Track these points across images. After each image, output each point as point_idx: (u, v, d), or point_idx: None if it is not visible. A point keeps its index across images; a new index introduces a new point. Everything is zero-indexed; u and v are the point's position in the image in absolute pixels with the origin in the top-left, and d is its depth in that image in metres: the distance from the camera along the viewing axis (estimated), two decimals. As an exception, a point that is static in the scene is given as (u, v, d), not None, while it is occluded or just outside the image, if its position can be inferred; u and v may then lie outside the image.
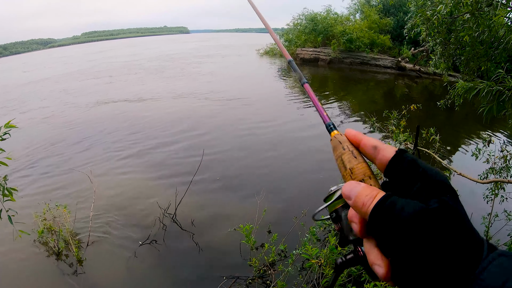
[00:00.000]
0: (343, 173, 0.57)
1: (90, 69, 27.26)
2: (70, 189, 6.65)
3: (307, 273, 4.01)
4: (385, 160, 0.52)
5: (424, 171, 0.48)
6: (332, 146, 0.62)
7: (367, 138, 0.57)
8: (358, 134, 0.59)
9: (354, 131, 0.60)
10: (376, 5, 26.43)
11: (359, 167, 0.55)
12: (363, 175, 0.54)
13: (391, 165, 0.52)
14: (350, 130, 0.61)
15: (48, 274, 4.53)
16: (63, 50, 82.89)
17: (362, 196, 0.48)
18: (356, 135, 0.59)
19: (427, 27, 5.47)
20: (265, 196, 5.39)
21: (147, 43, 72.05)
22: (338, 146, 0.60)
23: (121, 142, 9.27)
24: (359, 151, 0.58)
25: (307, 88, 0.81)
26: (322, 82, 19.79)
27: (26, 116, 12.72)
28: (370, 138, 0.57)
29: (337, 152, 0.59)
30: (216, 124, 10.73)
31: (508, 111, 3.80)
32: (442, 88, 13.49)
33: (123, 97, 15.04)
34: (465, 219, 0.44)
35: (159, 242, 5.03)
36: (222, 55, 33.96)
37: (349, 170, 0.55)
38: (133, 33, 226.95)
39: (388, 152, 0.52)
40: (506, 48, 4.50)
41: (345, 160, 0.57)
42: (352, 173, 0.55)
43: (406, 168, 0.50)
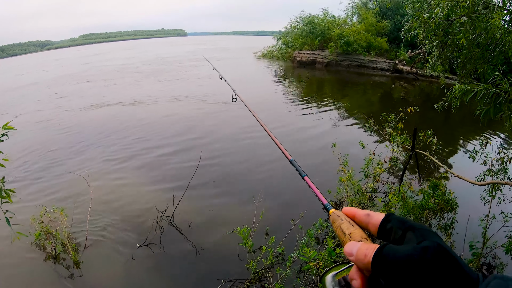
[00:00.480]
0: (343, 239, 0.64)
1: (83, 72, 26.89)
2: (67, 192, 6.61)
3: (305, 275, 4.01)
4: (377, 223, 0.61)
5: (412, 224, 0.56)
6: (331, 220, 0.72)
7: (361, 210, 0.67)
8: (353, 209, 0.69)
9: (350, 207, 0.69)
10: (373, 8, 26.56)
11: (356, 232, 0.63)
12: (360, 238, 0.62)
13: (382, 225, 0.60)
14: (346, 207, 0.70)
15: (45, 277, 4.50)
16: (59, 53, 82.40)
17: (363, 249, 0.55)
18: (351, 210, 0.69)
19: (424, 29, 5.50)
20: (262, 199, 5.38)
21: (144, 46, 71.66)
22: (337, 219, 0.69)
23: (118, 146, 9.24)
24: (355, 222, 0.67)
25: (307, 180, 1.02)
26: (319, 85, 19.83)
27: (20, 120, 12.62)
28: (364, 210, 0.66)
29: (336, 224, 0.69)
30: (213, 128, 10.71)
31: (504, 113, 3.81)
32: (439, 91, 13.56)
33: (118, 101, 14.90)
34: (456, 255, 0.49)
35: (156, 245, 5.01)
36: (218, 58, 33.86)
37: (348, 235, 0.63)
38: (130, 36, 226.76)
39: (379, 216, 0.62)
40: (503, 51, 4.52)
41: (344, 228, 0.65)
42: (351, 237, 0.63)
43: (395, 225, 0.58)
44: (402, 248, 0.50)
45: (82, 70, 28.45)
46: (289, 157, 1.31)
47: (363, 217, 0.64)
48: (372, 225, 0.62)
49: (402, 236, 0.55)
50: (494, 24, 4.42)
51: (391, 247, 0.52)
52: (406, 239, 0.54)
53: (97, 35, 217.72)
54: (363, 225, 0.64)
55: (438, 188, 4.89)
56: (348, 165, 5.52)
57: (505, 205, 4.65)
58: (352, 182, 5.31)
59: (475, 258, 4.04)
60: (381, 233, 0.60)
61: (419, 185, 6.36)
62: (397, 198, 4.52)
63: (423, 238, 0.51)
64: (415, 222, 0.56)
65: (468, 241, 4.20)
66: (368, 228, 0.63)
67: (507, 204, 4.66)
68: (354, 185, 5.30)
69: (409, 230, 0.55)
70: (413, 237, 0.53)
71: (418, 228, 0.54)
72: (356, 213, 0.67)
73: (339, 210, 0.72)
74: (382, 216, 0.61)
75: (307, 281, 3.91)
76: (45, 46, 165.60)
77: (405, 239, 0.54)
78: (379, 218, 0.61)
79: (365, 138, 9.70)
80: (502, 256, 4.34)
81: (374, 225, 0.61)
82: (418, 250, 0.48)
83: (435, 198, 4.69)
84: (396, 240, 0.56)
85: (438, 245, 0.49)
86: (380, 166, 5.49)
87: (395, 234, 0.57)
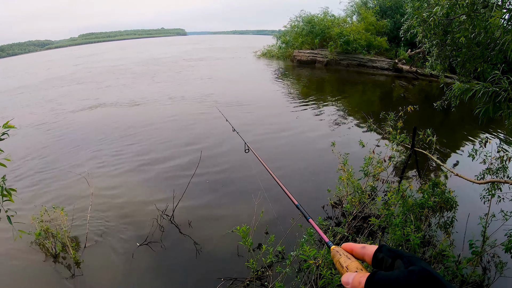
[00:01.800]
0: (341, 271, 0.72)
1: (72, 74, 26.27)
2: (67, 192, 6.62)
3: (305, 274, 4.02)
4: (370, 253, 0.69)
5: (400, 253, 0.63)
6: (332, 255, 0.79)
7: (357, 244, 0.75)
8: (351, 244, 0.77)
9: (348, 243, 0.77)
10: (373, 7, 26.57)
11: (352, 264, 0.71)
12: (356, 268, 0.69)
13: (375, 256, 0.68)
14: (345, 243, 0.78)
15: (45, 276, 4.50)
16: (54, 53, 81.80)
17: (357, 277, 0.62)
18: (349, 245, 0.77)
19: (424, 28, 5.50)
20: (262, 198, 5.38)
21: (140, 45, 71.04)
22: (336, 254, 0.77)
23: (117, 146, 9.26)
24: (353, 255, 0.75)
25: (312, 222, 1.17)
26: (319, 84, 19.82)
27: (14, 122, 12.61)
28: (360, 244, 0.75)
29: (335, 258, 0.77)
30: (212, 126, 10.72)
31: (504, 112, 3.81)
32: (439, 90, 13.56)
33: (110, 102, 14.92)
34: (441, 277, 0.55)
35: (156, 243, 5.02)
36: (218, 58, 33.75)
37: (345, 268, 0.71)
38: (130, 35, 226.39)
39: (372, 248, 0.70)
40: (502, 50, 4.52)
41: (342, 262, 0.73)
42: (348, 269, 0.70)
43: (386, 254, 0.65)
44: (391, 273, 0.58)
45: (72, 72, 27.89)
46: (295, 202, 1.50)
47: (359, 249, 0.73)
48: (367, 256, 0.70)
49: (392, 264, 0.62)
50: (493, 22, 4.43)
51: (381, 273, 0.59)
52: (396, 265, 0.61)
53: (97, 35, 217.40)
54: (359, 257, 0.73)
55: (437, 187, 4.89)
56: (347, 164, 5.53)
57: (504, 204, 4.65)
58: (352, 181, 5.32)
59: (475, 257, 4.04)
60: (375, 262, 0.67)
61: (419, 183, 6.37)
62: (396, 196, 4.52)
63: (410, 264, 0.58)
64: (404, 251, 0.63)
65: (468, 239, 4.20)
66: (364, 259, 0.71)
67: (507, 202, 4.66)
68: (354, 184, 5.31)
69: (397, 258, 0.62)
70: (401, 264, 0.60)
71: (406, 256, 0.61)
72: (354, 248, 0.75)
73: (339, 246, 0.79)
74: (375, 247, 0.69)
75: (307, 280, 3.92)
76: (45, 45, 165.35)
77: (394, 266, 0.62)
78: (373, 250, 0.69)
79: (365, 137, 9.70)
80: (502, 255, 4.35)
81: (369, 256, 0.69)
82: (405, 273, 0.55)
83: (435, 197, 4.69)
84: (387, 268, 0.63)
85: (423, 269, 0.55)
86: (379, 165, 5.49)
87: (386, 262, 0.64)
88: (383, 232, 4.98)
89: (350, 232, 4.85)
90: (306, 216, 1.26)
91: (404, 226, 4.08)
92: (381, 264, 0.65)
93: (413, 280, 0.53)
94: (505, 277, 4.14)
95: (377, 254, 0.67)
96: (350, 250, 0.76)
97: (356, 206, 5.17)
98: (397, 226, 4.00)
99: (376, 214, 5.10)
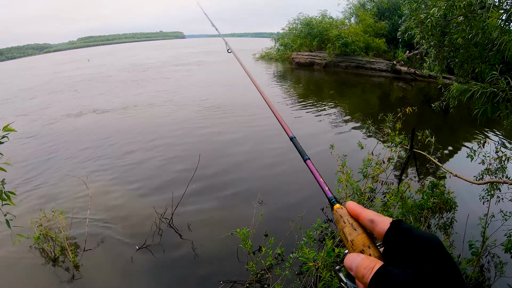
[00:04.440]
0: (346, 244, 0.63)
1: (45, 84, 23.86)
2: (66, 195, 6.60)
3: (305, 276, 4.01)
4: (382, 232, 0.59)
5: (418, 238, 0.54)
6: (335, 219, 0.68)
7: (365, 212, 0.64)
8: (357, 208, 0.65)
9: (353, 204, 0.66)
10: (370, 9, 26.66)
11: (358, 239, 0.61)
12: (362, 246, 0.60)
13: (387, 236, 0.58)
14: (349, 203, 0.66)
15: (44, 280, 4.48)
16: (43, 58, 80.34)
17: (362, 268, 0.55)
18: (355, 209, 0.65)
19: (421, 30, 5.52)
20: (261, 200, 5.38)
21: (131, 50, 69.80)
22: (340, 220, 0.66)
23: (115, 150, 9.25)
24: (359, 223, 0.64)
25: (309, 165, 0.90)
26: (317, 86, 19.85)
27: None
28: (368, 211, 0.64)
29: (339, 225, 0.66)
30: (212, 131, 10.72)
31: (502, 112, 3.82)
32: (437, 91, 13.57)
33: (98, 108, 14.93)
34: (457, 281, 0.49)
35: (155, 247, 5.00)
36: (214, 62, 33.53)
37: (350, 242, 0.62)
38: (129, 38, 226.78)
39: (384, 224, 0.59)
40: (500, 50, 4.53)
41: (346, 233, 0.63)
42: (353, 244, 0.61)
43: (401, 236, 0.56)
44: (401, 275, 0.50)
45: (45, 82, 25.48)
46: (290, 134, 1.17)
47: (367, 222, 0.62)
48: (377, 233, 0.60)
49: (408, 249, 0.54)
50: (491, 23, 4.44)
51: (389, 273, 0.51)
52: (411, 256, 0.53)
53: (95, 38, 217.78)
54: (368, 229, 0.63)
55: (437, 188, 4.90)
56: (346, 166, 5.52)
57: (504, 204, 4.65)
58: (351, 183, 5.31)
59: (475, 257, 4.04)
60: (386, 242, 0.59)
61: (418, 184, 6.37)
62: (395, 198, 4.52)
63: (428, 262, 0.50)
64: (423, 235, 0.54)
65: (468, 240, 4.20)
66: (373, 233, 0.62)
67: (506, 203, 4.67)
68: (353, 186, 5.30)
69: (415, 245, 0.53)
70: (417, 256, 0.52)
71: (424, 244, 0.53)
72: (360, 215, 0.64)
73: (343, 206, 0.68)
74: (388, 224, 0.59)
75: (306, 282, 3.91)
76: (44, 49, 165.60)
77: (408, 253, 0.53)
78: (385, 227, 0.59)
79: (364, 138, 9.71)
80: (502, 255, 4.35)
81: (379, 233, 0.59)
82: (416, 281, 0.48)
83: (434, 198, 4.69)
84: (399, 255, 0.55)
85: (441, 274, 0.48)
86: (378, 166, 5.49)
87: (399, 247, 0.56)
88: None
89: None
90: (303, 156, 0.97)
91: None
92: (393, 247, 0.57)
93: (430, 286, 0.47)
94: (505, 277, 4.14)
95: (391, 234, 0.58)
96: (356, 215, 0.64)
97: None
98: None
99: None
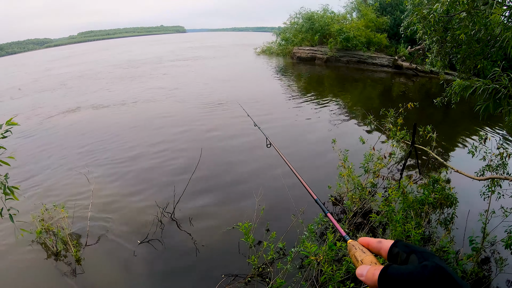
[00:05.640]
0: (356, 264, 0.74)
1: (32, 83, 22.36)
2: (68, 189, 6.63)
3: (306, 270, 4.04)
4: (386, 248, 0.70)
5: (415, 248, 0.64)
6: (348, 249, 0.82)
7: (374, 239, 0.76)
8: (367, 239, 0.78)
9: (365, 237, 0.79)
10: (372, 3, 26.46)
11: (367, 258, 0.73)
12: (370, 262, 0.71)
13: (390, 250, 0.68)
14: (361, 238, 0.80)
15: (46, 274, 4.51)
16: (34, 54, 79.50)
17: (371, 270, 0.65)
18: (365, 239, 0.78)
19: (424, 25, 5.49)
20: (263, 194, 5.40)
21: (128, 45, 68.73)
22: (352, 248, 0.79)
23: (116, 146, 9.26)
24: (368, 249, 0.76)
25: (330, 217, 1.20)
26: (319, 81, 19.80)
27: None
28: (376, 238, 0.76)
29: (351, 252, 0.79)
30: (212, 124, 10.73)
31: (504, 109, 3.82)
32: (439, 87, 13.56)
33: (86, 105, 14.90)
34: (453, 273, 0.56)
35: (157, 241, 5.03)
36: (215, 57, 33.17)
37: (360, 261, 0.73)
38: (129, 33, 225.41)
39: (388, 243, 0.71)
40: (502, 46, 4.52)
41: (357, 256, 0.75)
42: (362, 263, 0.72)
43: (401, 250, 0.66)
44: (405, 267, 0.59)
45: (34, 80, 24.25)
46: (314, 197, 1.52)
47: (375, 244, 0.74)
48: (383, 251, 0.71)
49: (407, 258, 0.63)
50: (493, 19, 4.43)
51: (395, 266, 0.61)
52: (410, 260, 0.62)
53: (96, 33, 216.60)
54: (375, 251, 0.74)
55: (438, 183, 4.91)
56: (348, 161, 5.54)
57: (504, 200, 4.67)
58: (352, 178, 5.33)
59: (475, 253, 4.06)
60: (390, 257, 0.68)
61: (419, 180, 6.38)
62: (396, 193, 4.54)
63: (424, 259, 0.59)
64: (418, 246, 0.65)
65: (468, 236, 4.22)
66: (380, 253, 0.72)
67: (507, 199, 4.68)
68: (354, 180, 5.32)
69: (412, 253, 0.63)
70: (415, 259, 0.61)
71: (420, 251, 0.62)
72: (370, 242, 0.76)
73: (356, 240, 0.82)
74: (391, 242, 0.70)
75: (308, 276, 3.93)
76: (44, 44, 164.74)
77: (409, 260, 0.62)
78: (388, 245, 0.70)
79: (365, 133, 9.72)
80: (502, 251, 4.37)
81: (385, 250, 0.70)
82: (418, 268, 0.56)
83: (435, 193, 4.70)
84: (402, 262, 0.64)
85: (436, 264, 0.56)
86: (380, 162, 5.50)
87: (401, 257, 0.65)
88: (384, 228, 5.00)
89: (351, 228, 4.87)
90: (324, 211, 1.33)
91: (405, 223, 4.10)
92: (396, 259, 0.67)
93: (426, 275, 0.54)
94: (505, 273, 4.17)
95: (393, 248, 0.68)
96: (366, 244, 0.77)
97: (357, 202, 5.18)
98: (398, 222, 4.02)
99: (377, 210, 5.12)
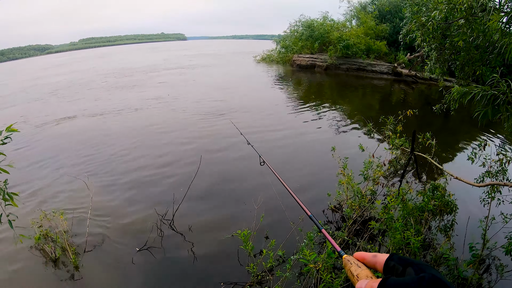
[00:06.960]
0: (352, 279, 0.74)
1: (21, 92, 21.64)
2: (67, 196, 6.61)
3: (305, 278, 4.01)
4: (382, 262, 0.71)
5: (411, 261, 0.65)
6: (343, 264, 0.82)
7: (369, 253, 0.77)
8: (362, 253, 0.79)
9: (360, 252, 0.79)
10: (372, 11, 26.69)
11: (362, 273, 0.73)
12: (366, 276, 0.71)
13: (386, 263, 0.70)
14: (357, 252, 0.80)
15: (45, 281, 4.48)
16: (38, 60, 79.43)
17: (370, 283, 0.65)
18: (361, 254, 0.79)
19: (422, 32, 5.51)
20: (262, 202, 5.38)
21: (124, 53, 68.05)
22: (347, 263, 0.80)
23: (115, 153, 9.26)
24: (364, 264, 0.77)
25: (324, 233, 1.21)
26: (319, 89, 19.86)
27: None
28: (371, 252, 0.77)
29: (347, 267, 0.79)
30: (212, 132, 10.74)
31: (503, 115, 3.82)
32: (438, 93, 13.58)
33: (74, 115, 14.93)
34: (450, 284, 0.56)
35: (156, 248, 5.01)
36: (215, 65, 33.21)
37: (356, 276, 0.73)
38: (130, 40, 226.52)
39: (383, 256, 0.72)
40: (501, 53, 4.53)
41: (353, 271, 0.75)
42: (358, 277, 0.72)
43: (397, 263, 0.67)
44: (402, 279, 0.60)
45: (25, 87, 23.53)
46: (309, 213, 1.45)
47: (371, 258, 0.75)
48: (378, 264, 0.72)
49: (403, 271, 0.64)
50: (491, 26, 4.44)
51: (393, 278, 0.61)
52: (407, 273, 0.63)
53: (97, 39, 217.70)
54: (371, 266, 0.75)
55: (437, 190, 4.89)
56: (347, 168, 5.53)
57: (504, 206, 4.65)
58: (352, 185, 5.31)
59: (475, 259, 4.04)
60: (386, 270, 0.70)
61: (418, 187, 6.36)
62: (396, 200, 4.52)
63: (420, 271, 0.60)
64: (414, 259, 0.65)
65: (468, 242, 4.20)
66: (376, 267, 0.73)
67: (507, 205, 4.66)
68: (354, 188, 5.30)
69: (408, 266, 0.64)
70: (412, 271, 0.62)
71: (416, 263, 0.63)
72: (365, 256, 0.77)
73: (351, 255, 0.82)
74: (386, 256, 0.71)
75: (307, 284, 3.90)
76: (45, 50, 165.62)
77: (405, 273, 0.64)
78: (384, 258, 0.71)
79: (365, 141, 9.71)
80: (502, 257, 4.34)
81: (380, 264, 0.71)
82: (415, 280, 0.57)
83: (435, 200, 4.69)
84: (398, 275, 0.65)
85: (433, 275, 0.56)
86: (379, 169, 5.49)
87: (397, 270, 0.66)
88: (383, 236, 4.97)
89: (350, 236, 4.84)
90: (319, 227, 1.29)
91: (404, 230, 4.08)
92: (392, 272, 0.67)
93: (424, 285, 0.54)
94: (505, 279, 4.14)
95: (389, 262, 0.69)
96: (361, 259, 0.78)
97: (356, 210, 5.16)
98: (397, 229, 4.00)
99: (376, 218, 5.09)
